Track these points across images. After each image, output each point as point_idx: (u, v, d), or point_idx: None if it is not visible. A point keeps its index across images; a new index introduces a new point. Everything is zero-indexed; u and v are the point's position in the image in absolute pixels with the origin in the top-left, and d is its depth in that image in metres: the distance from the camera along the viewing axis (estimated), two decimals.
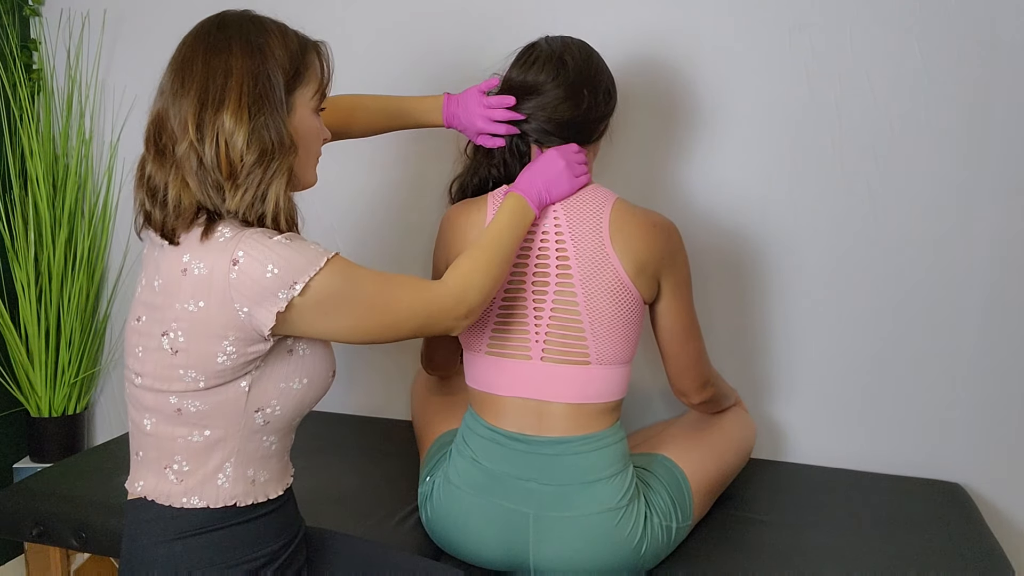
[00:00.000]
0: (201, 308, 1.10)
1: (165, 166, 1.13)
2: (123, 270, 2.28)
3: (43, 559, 1.72)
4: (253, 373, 1.14)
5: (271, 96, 1.13)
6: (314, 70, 1.19)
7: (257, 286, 1.08)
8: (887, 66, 1.77)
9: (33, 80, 2.21)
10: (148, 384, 1.15)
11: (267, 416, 1.17)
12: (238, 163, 1.11)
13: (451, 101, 1.58)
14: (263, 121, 1.12)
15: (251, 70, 1.12)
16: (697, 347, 1.55)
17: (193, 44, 1.14)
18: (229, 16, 1.17)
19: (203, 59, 1.12)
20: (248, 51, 1.13)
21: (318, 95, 1.21)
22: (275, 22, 1.18)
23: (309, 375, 1.19)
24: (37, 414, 2.23)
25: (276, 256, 1.09)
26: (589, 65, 1.48)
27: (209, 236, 1.11)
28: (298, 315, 1.12)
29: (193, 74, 1.12)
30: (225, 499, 1.17)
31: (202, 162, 1.11)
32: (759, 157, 1.86)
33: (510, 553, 1.44)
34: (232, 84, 1.11)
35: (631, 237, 1.43)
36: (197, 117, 1.11)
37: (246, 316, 1.09)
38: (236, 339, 1.11)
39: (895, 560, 1.49)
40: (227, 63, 1.12)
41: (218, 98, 1.11)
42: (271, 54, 1.14)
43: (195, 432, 1.15)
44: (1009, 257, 1.78)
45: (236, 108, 1.10)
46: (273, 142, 1.13)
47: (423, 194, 2.01)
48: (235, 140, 1.10)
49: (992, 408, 1.83)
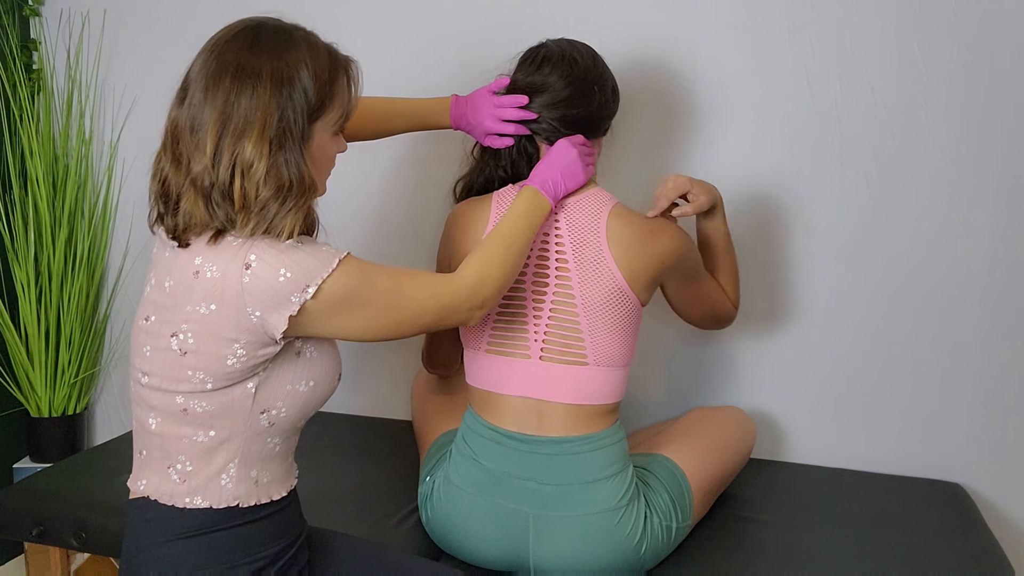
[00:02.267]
0: (213, 311, 1.09)
1: (180, 174, 1.11)
2: (123, 270, 2.28)
3: (43, 559, 1.72)
4: (260, 375, 1.14)
5: (293, 129, 1.10)
6: (341, 97, 1.17)
7: (270, 290, 1.08)
8: (887, 66, 1.77)
9: (33, 80, 2.21)
10: (155, 384, 1.15)
11: (272, 418, 1.17)
12: (252, 196, 1.08)
13: (459, 102, 1.58)
14: (283, 156, 1.10)
15: (279, 103, 1.09)
16: (712, 300, 1.60)
17: (223, 57, 1.11)
18: (265, 31, 1.13)
19: (232, 79, 1.09)
20: (278, 82, 1.09)
21: (341, 119, 1.18)
22: (308, 40, 1.14)
23: (316, 377, 1.19)
24: (37, 414, 2.23)
25: (288, 260, 1.09)
26: (596, 64, 1.50)
27: (218, 241, 1.11)
28: (311, 317, 1.12)
29: (218, 92, 1.09)
30: (228, 500, 1.16)
31: (215, 186, 1.09)
32: (759, 157, 1.86)
33: (510, 553, 1.44)
34: (258, 116, 1.08)
35: (629, 244, 1.43)
36: (217, 141, 1.08)
37: (258, 320, 1.09)
38: (247, 342, 1.10)
39: (895, 560, 1.49)
40: (255, 89, 1.08)
41: (240, 125, 1.08)
42: (300, 86, 1.10)
43: (200, 432, 1.15)
44: (1009, 257, 1.78)
45: (258, 139, 1.08)
46: (292, 180, 1.10)
47: (428, 196, 2.01)
48: (253, 172, 1.08)
49: (992, 408, 1.83)
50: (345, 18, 2.00)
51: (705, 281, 1.57)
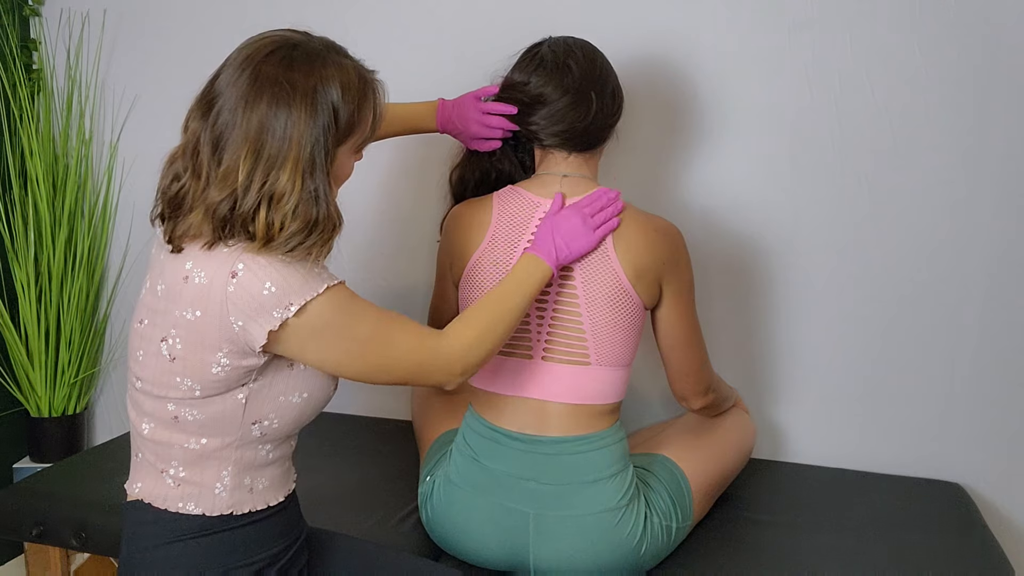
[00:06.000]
0: (198, 317, 1.08)
1: (197, 187, 1.09)
2: (123, 270, 2.28)
3: (43, 559, 1.72)
4: (251, 385, 1.12)
5: (324, 155, 1.08)
6: (366, 121, 1.14)
7: (254, 301, 1.06)
8: (887, 66, 1.77)
9: (33, 80, 2.21)
10: (147, 389, 1.14)
11: (264, 428, 1.15)
12: (277, 228, 1.05)
13: (445, 106, 1.58)
14: (313, 185, 1.07)
15: (313, 131, 1.06)
16: (699, 354, 1.54)
17: (257, 74, 1.07)
18: (300, 52, 1.09)
19: (268, 102, 1.05)
20: (313, 110, 1.06)
21: (365, 140, 1.16)
22: (341, 63, 1.11)
23: (309, 390, 1.17)
24: (37, 414, 2.23)
25: (275, 274, 1.07)
26: (594, 68, 1.48)
27: (212, 248, 1.09)
28: (290, 336, 1.09)
29: (253, 114, 1.05)
30: (222, 508, 1.15)
31: (235, 214, 1.06)
32: (759, 157, 1.86)
33: (510, 553, 1.44)
34: (294, 144, 1.05)
35: (633, 242, 1.43)
36: (250, 170, 1.05)
37: (240, 329, 1.07)
38: (230, 351, 1.09)
39: (895, 560, 1.49)
40: (290, 114, 1.05)
41: (275, 154, 1.05)
42: (331, 114, 1.08)
43: (191, 440, 1.14)
44: (1009, 257, 1.78)
45: (293, 169, 1.05)
46: (320, 216, 1.08)
47: (430, 198, 2.00)
48: (286, 205, 1.05)
49: (992, 408, 1.83)
50: (353, 24, 2.00)
51: (694, 318, 1.52)
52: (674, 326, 1.49)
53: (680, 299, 1.48)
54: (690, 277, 1.50)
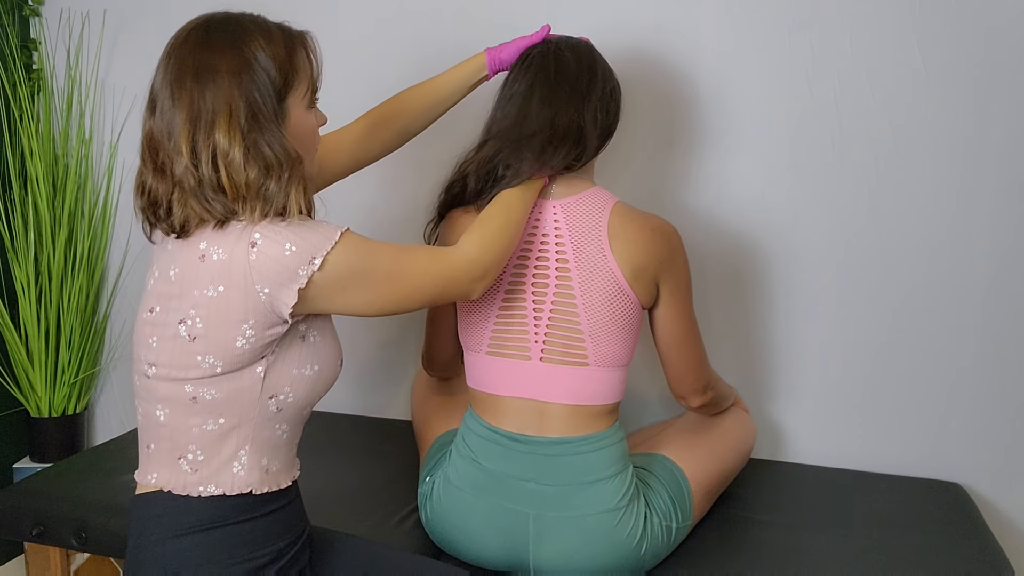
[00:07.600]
0: (221, 293, 1.11)
1: (166, 182, 1.13)
2: (123, 270, 2.28)
3: (43, 559, 1.72)
4: (268, 358, 1.16)
5: (263, 111, 1.13)
6: (304, 70, 1.19)
7: (278, 265, 1.10)
8: (887, 66, 1.77)
9: (33, 80, 2.21)
10: (163, 374, 1.15)
11: (280, 403, 1.18)
12: (241, 182, 1.11)
13: (492, 51, 1.57)
14: (262, 138, 1.12)
15: (241, 90, 1.12)
16: (696, 353, 1.54)
17: (180, 60, 1.13)
18: (213, 25, 1.16)
19: (193, 79, 1.11)
20: (235, 69, 1.12)
21: (309, 92, 1.21)
22: (258, 24, 1.17)
23: (320, 362, 1.21)
24: (37, 414, 2.23)
25: (292, 235, 1.11)
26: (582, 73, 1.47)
27: (224, 227, 1.13)
28: (319, 291, 1.14)
29: (183, 93, 1.11)
30: (241, 487, 1.18)
31: (201, 183, 1.11)
32: (759, 157, 1.86)
33: (510, 553, 1.44)
34: (223, 105, 1.11)
35: (630, 241, 1.43)
36: (191, 138, 1.11)
37: (267, 298, 1.11)
38: (256, 322, 1.12)
39: (895, 560, 1.49)
40: (215, 82, 1.11)
41: (209, 119, 1.11)
42: (259, 68, 1.13)
43: (209, 421, 1.16)
44: (1009, 257, 1.78)
45: (227, 127, 1.10)
46: (276, 156, 1.13)
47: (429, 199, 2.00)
48: (232, 159, 1.11)
49: (992, 408, 1.83)
50: (344, 17, 2.00)
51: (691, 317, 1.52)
52: (672, 325, 1.50)
53: (677, 298, 1.49)
54: (687, 276, 1.50)
